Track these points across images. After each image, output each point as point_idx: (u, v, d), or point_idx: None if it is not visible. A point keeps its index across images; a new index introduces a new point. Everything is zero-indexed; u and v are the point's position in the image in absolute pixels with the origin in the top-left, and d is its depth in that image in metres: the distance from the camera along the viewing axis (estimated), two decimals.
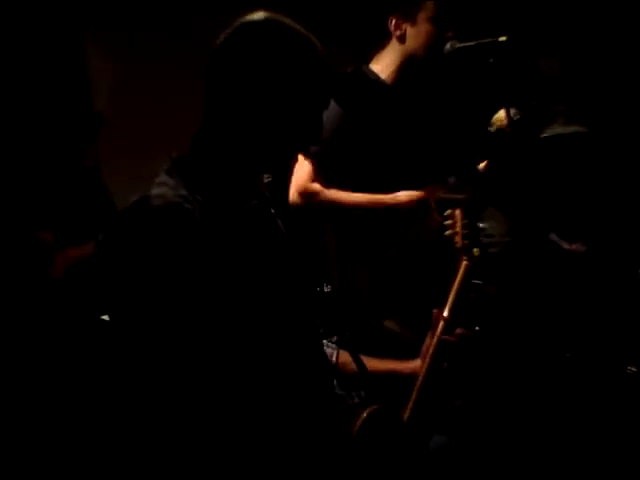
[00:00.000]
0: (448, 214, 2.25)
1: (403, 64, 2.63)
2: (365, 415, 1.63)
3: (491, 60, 2.51)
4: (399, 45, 2.61)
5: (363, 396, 1.85)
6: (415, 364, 1.95)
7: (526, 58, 3.25)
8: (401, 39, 2.60)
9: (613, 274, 2.92)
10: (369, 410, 1.64)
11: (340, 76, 2.58)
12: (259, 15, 1.49)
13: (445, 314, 1.98)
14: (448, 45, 2.57)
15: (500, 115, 3.05)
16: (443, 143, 2.80)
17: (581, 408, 2.72)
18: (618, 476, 2.60)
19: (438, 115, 2.81)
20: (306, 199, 2.55)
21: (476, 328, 2.73)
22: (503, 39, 2.47)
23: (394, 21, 2.60)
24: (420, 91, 2.70)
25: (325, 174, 2.55)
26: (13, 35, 3.09)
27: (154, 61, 3.45)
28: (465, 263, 2.15)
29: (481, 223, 2.95)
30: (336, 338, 1.98)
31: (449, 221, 2.24)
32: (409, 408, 1.86)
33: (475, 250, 2.69)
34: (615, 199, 3.10)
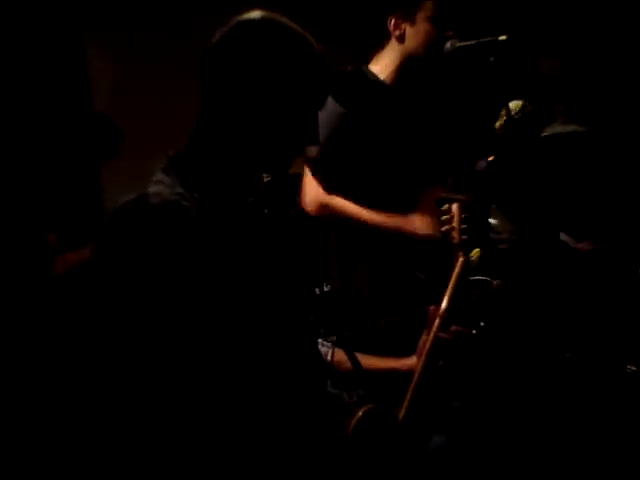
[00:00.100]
0: (445, 209, 2.23)
1: (402, 64, 2.62)
2: (361, 414, 1.62)
3: (491, 59, 2.50)
4: (398, 45, 2.60)
5: (361, 395, 1.85)
6: (411, 361, 1.94)
7: (526, 57, 3.24)
8: (400, 39, 2.59)
9: (613, 273, 2.92)
10: (364, 409, 1.64)
11: (340, 75, 2.58)
12: (255, 14, 1.49)
13: (441, 311, 1.96)
14: (448, 44, 2.56)
15: (517, 103, 3.04)
16: (443, 143, 2.79)
17: (581, 408, 2.72)
18: (618, 476, 2.60)
19: (438, 115, 2.80)
20: (322, 211, 2.54)
21: (481, 324, 2.73)
22: (503, 38, 2.47)
23: (393, 21, 2.59)
24: (420, 91, 2.70)
25: (324, 176, 2.54)
26: (13, 35, 3.10)
27: (154, 61, 3.45)
28: (461, 259, 2.12)
29: (491, 219, 2.96)
30: (335, 338, 1.97)
31: (445, 216, 2.22)
32: (405, 406, 1.86)
33: (476, 251, 2.69)
34: (615, 198, 3.10)
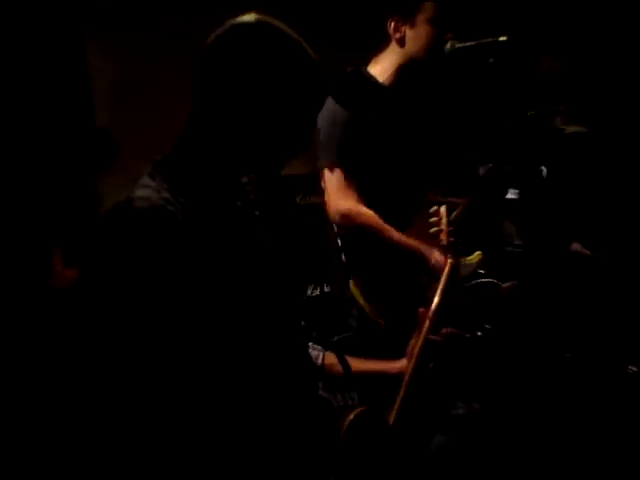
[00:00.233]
0: (433, 211, 2.21)
1: (402, 66, 2.61)
2: (352, 417, 1.62)
3: (491, 60, 2.50)
4: (399, 48, 2.60)
5: (354, 398, 1.84)
6: (401, 364, 1.93)
7: (526, 58, 3.24)
8: (400, 42, 2.59)
9: (614, 274, 2.92)
10: (356, 412, 1.64)
11: (341, 77, 2.57)
12: (250, 17, 1.48)
13: (430, 312, 1.94)
14: (448, 45, 2.56)
15: (550, 60, 3.01)
16: (443, 145, 2.79)
17: (581, 408, 2.72)
18: (618, 476, 2.60)
19: (438, 116, 2.80)
20: (346, 221, 2.55)
21: (486, 326, 2.72)
22: (503, 39, 2.47)
23: (393, 24, 2.58)
24: (419, 93, 2.69)
25: (355, 177, 2.54)
26: (13, 35, 3.09)
27: (154, 61, 3.44)
28: (450, 261, 2.11)
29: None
30: (329, 340, 1.95)
31: (434, 218, 2.21)
32: (396, 408, 1.85)
33: (477, 254, 2.68)
34: (614, 198, 3.10)
